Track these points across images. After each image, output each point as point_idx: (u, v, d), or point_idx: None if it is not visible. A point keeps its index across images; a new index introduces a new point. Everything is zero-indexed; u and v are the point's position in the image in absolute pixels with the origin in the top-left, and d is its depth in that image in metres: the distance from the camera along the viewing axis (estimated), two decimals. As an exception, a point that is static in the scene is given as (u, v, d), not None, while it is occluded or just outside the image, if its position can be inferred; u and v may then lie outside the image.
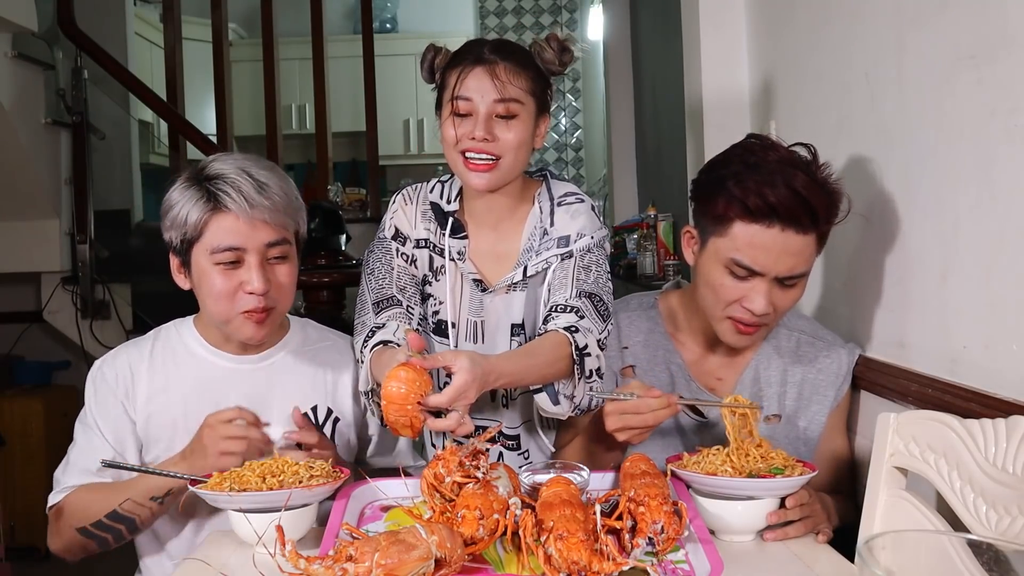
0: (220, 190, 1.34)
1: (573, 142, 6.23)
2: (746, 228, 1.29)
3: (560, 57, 1.44)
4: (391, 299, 1.46)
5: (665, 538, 1.05)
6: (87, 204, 3.66)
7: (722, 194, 1.30)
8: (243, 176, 1.35)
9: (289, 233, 1.40)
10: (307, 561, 0.90)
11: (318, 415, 1.47)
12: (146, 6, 5.34)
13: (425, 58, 1.47)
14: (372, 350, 1.35)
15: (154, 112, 4.19)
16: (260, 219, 1.34)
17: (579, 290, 1.41)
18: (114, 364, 1.46)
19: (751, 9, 2.09)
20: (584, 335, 1.33)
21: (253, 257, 1.35)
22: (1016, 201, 1.12)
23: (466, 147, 1.39)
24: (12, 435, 3.56)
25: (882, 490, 1.17)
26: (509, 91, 1.38)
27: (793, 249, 1.29)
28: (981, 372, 1.21)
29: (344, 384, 1.50)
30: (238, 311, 1.37)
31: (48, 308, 3.75)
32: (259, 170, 1.37)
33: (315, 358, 1.50)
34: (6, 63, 3.21)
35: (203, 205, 1.34)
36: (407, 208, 1.53)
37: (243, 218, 1.33)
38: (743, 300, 1.32)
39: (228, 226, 1.34)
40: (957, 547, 0.76)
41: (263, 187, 1.35)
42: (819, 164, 1.32)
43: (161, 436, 1.43)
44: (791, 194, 1.26)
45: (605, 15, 4.48)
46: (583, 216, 1.47)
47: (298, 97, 5.88)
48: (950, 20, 1.25)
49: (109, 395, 1.44)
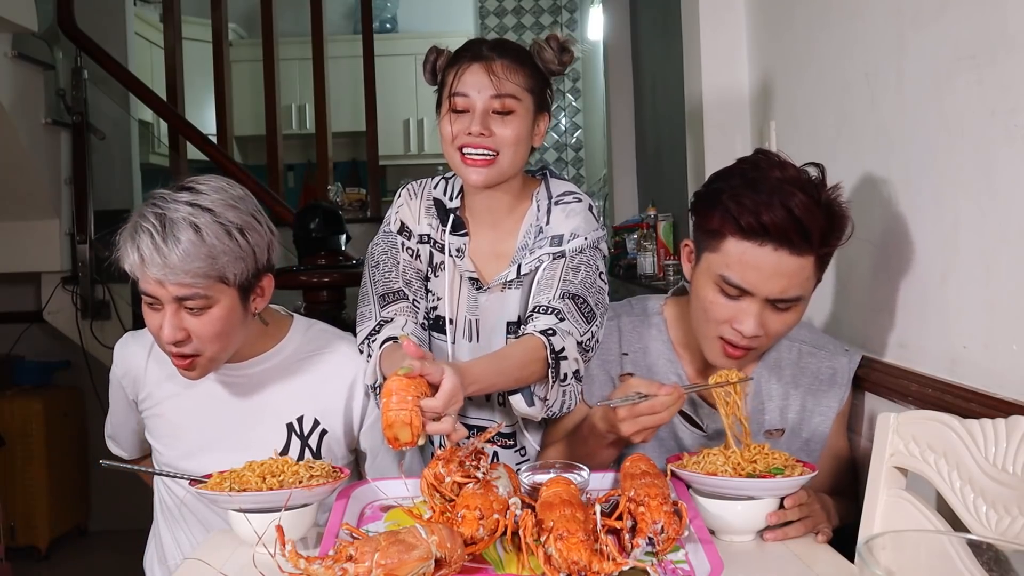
0: (130, 239, 1.29)
1: (573, 142, 6.23)
2: (738, 244, 1.25)
3: (560, 57, 1.44)
4: (398, 293, 1.46)
5: (665, 538, 1.05)
6: (87, 204, 3.66)
7: (717, 208, 1.27)
8: (153, 230, 1.27)
9: (205, 285, 1.28)
10: (307, 561, 0.90)
11: (304, 425, 1.45)
12: (146, 6, 5.34)
13: (427, 60, 1.47)
14: (382, 346, 1.35)
15: (154, 112, 4.19)
16: (155, 278, 1.28)
17: (564, 291, 1.40)
18: (122, 354, 1.52)
19: (751, 9, 2.09)
20: (562, 338, 1.32)
21: (168, 306, 1.30)
22: (1016, 201, 1.12)
23: (463, 143, 1.40)
24: (12, 435, 3.56)
25: (882, 490, 1.17)
26: (505, 87, 1.38)
27: (786, 270, 1.24)
28: (981, 372, 1.21)
29: (335, 397, 1.46)
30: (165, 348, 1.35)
31: (48, 308, 3.75)
32: (180, 218, 1.28)
33: (307, 368, 1.46)
34: (6, 63, 3.21)
35: (129, 246, 1.30)
36: (412, 203, 1.53)
37: (152, 269, 1.28)
38: (733, 321, 1.28)
39: (146, 274, 1.29)
40: (957, 547, 0.76)
41: (166, 242, 1.26)
42: (826, 186, 1.28)
43: (151, 425, 1.49)
44: (786, 214, 1.21)
45: (605, 15, 4.48)
46: (579, 216, 1.47)
47: (298, 97, 5.88)
48: (950, 20, 1.25)
49: (116, 374, 1.52)
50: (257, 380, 1.45)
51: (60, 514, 3.66)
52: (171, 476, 1.34)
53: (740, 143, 2.12)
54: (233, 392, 1.45)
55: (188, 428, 1.45)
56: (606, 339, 1.45)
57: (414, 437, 1.09)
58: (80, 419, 3.95)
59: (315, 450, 1.46)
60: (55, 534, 3.65)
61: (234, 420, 1.44)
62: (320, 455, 1.45)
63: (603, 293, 1.45)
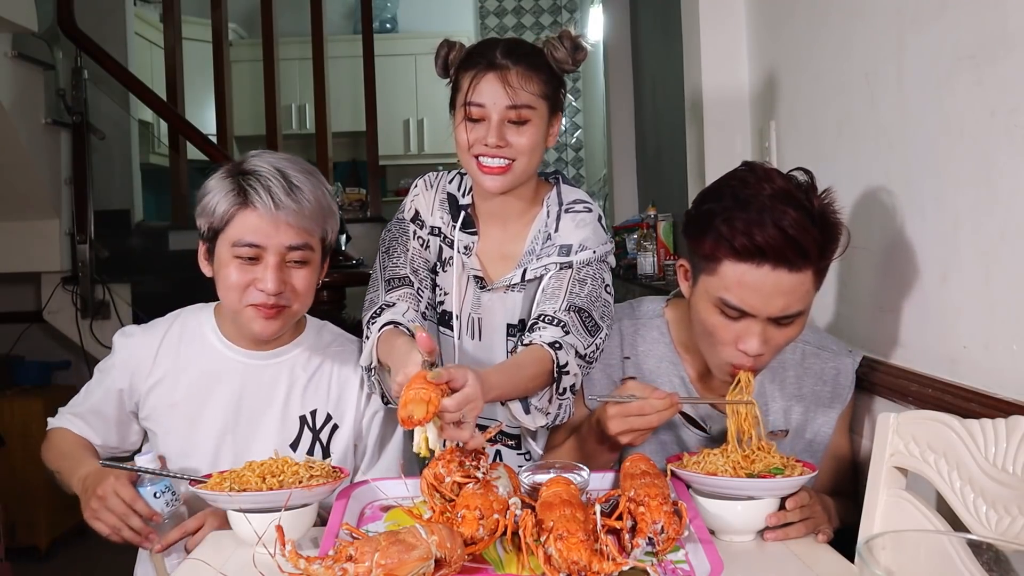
0: (250, 186, 1.35)
1: (573, 142, 6.23)
2: (735, 267, 1.23)
3: (573, 56, 1.43)
4: (403, 279, 1.48)
5: (665, 538, 1.05)
6: (87, 204, 3.66)
7: (709, 233, 1.25)
8: (276, 176, 1.36)
9: (314, 239, 1.40)
10: (307, 561, 0.90)
11: (316, 419, 1.47)
12: (146, 6, 5.34)
13: (439, 54, 1.46)
14: (381, 330, 1.36)
15: (154, 112, 4.19)
16: (284, 221, 1.35)
17: (570, 303, 1.40)
18: (126, 345, 1.50)
19: (751, 9, 2.09)
20: (566, 352, 1.33)
21: (272, 257, 1.36)
22: (1016, 201, 1.12)
23: (479, 152, 1.40)
24: (12, 435, 3.56)
25: (882, 490, 1.17)
26: (521, 97, 1.38)
27: (785, 288, 1.22)
28: (981, 372, 1.21)
29: (349, 394, 1.50)
30: (246, 303, 1.38)
31: (48, 308, 3.75)
32: (295, 172, 1.38)
33: (323, 363, 1.50)
34: (6, 63, 3.21)
35: (232, 198, 1.36)
36: (427, 193, 1.55)
37: (267, 217, 1.34)
38: (737, 342, 1.27)
39: (252, 223, 1.35)
40: (957, 547, 0.76)
41: (294, 189, 1.36)
42: (816, 194, 1.25)
43: (158, 416, 1.47)
44: (780, 234, 1.19)
45: (605, 15, 4.48)
46: (588, 227, 1.47)
47: (298, 97, 5.88)
48: (950, 20, 1.25)
49: (115, 365, 1.50)
50: (276, 371, 1.47)
51: (60, 514, 3.66)
52: (171, 476, 1.34)
53: (740, 143, 2.12)
54: (248, 381, 1.46)
55: (201, 416, 1.45)
56: (607, 343, 1.45)
57: (429, 414, 1.08)
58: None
59: (325, 445, 1.47)
60: (55, 534, 3.65)
61: (248, 409, 1.45)
62: (329, 451, 1.47)
63: (608, 305, 1.45)
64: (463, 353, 1.52)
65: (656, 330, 1.47)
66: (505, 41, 1.43)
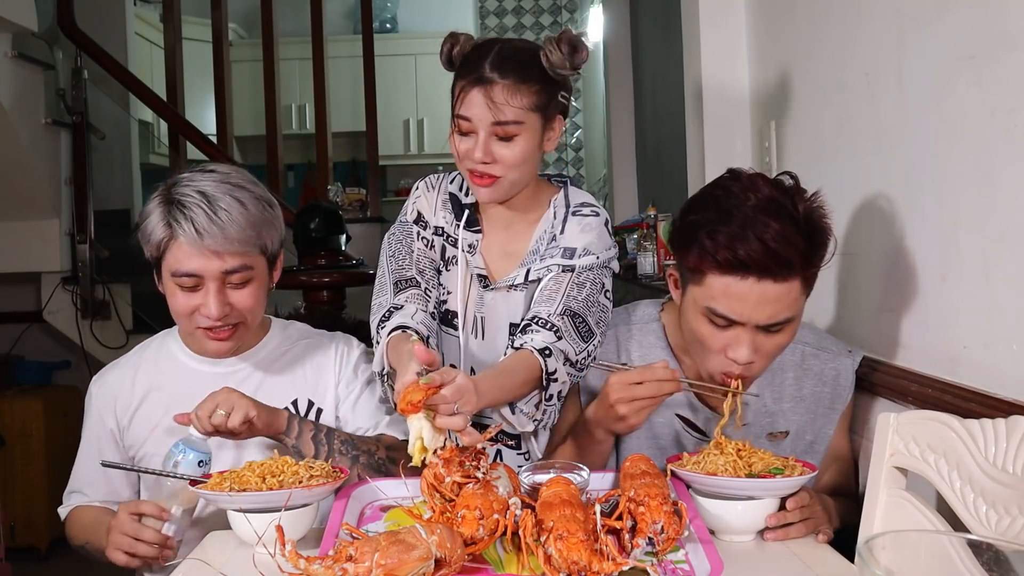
0: (175, 220, 1.34)
1: (573, 142, 6.22)
2: (720, 280, 1.24)
3: (572, 59, 1.38)
4: (410, 280, 1.48)
5: (665, 538, 1.05)
6: (87, 204, 3.66)
7: (694, 246, 1.25)
8: (201, 203, 1.33)
9: (251, 256, 1.38)
10: (307, 561, 0.90)
11: (299, 408, 1.49)
12: (146, 6, 5.34)
13: (443, 48, 1.44)
14: (390, 334, 1.36)
15: (154, 112, 4.19)
16: (211, 250, 1.33)
17: (565, 307, 1.39)
18: (103, 383, 1.53)
19: (751, 9, 2.09)
20: (556, 359, 1.33)
21: (212, 283, 1.35)
22: (1016, 201, 1.12)
23: (468, 166, 1.41)
24: (12, 435, 3.56)
25: (882, 490, 1.17)
26: (507, 113, 1.35)
27: (771, 297, 1.22)
28: (981, 372, 1.21)
29: (325, 377, 1.52)
30: (195, 327, 1.39)
31: (48, 308, 3.75)
32: (222, 194, 1.35)
33: (294, 356, 1.52)
34: (6, 63, 3.21)
35: (163, 229, 1.35)
36: (429, 195, 1.55)
37: (195, 247, 1.33)
38: (727, 349, 1.28)
39: (183, 254, 1.34)
40: (957, 547, 0.76)
41: (219, 213, 1.33)
42: (803, 198, 1.24)
43: (142, 439, 1.49)
44: (762, 247, 1.19)
45: (605, 15, 4.48)
46: (593, 232, 1.47)
47: (298, 97, 5.88)
48: (950, 20, 1.25)
49: (95, 413, 1.53)
50: (247, 373, 1.49)
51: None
52: (171, 476, 1.34)
53: (740, 143, 2.12)
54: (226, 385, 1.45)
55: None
56: (604, 349, 1.45)
57: (427, 394, 1.10)
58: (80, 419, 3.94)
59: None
60: (55, 534, 3.64)
61: None
62: None
63: (606, 311, 1.45)
64: (469, 352, 1.52)
65: (652, 334, 1.47)
66: (498, 48, 1.39)
